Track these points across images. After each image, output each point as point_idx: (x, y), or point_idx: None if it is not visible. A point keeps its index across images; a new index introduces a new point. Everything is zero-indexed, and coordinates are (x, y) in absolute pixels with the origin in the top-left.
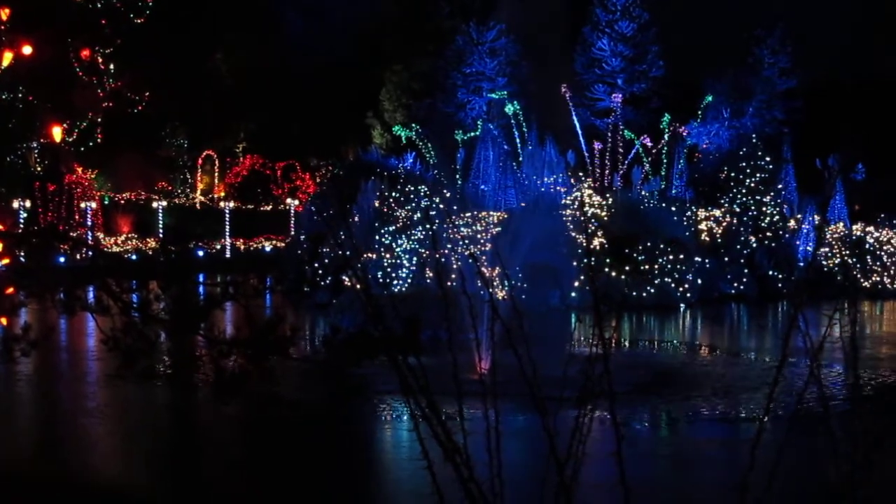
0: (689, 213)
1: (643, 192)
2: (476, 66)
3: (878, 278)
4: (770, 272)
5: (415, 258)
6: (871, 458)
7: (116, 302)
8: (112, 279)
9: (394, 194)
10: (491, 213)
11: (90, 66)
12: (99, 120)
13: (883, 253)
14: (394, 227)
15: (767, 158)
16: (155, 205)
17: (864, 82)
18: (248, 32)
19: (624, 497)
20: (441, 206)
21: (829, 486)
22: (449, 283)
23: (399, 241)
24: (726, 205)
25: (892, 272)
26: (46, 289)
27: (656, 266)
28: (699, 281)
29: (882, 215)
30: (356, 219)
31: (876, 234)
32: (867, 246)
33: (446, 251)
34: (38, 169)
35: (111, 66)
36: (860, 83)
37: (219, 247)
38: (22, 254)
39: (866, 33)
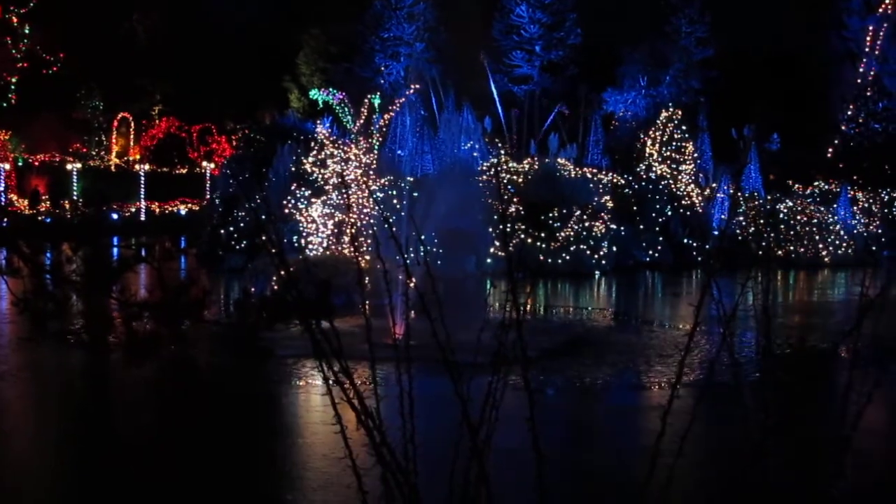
0: (604, 181)
1: (559, 160)
2: (394, 30)
3: (791, 247)
4: (685, 240)
5: (330, 222)
6: (782, 425)
7: (27, 264)
8: (24, 240)
9: (310, 158)
10: (407, 178)
11: (4, 26)
12: (13, 80)
13: (796, 222)
14: (309, 192)
15: (684, 127)
16: (70, 167)
17: (780, 53)
18: None
19: (536, 462)
20: (357, 170)
21: (740, 452)
22: (364, 249)
23: (314, 206)
24: (642, 173)
25: (804, 241)
26: None
27: (571, 233)
28: (614, 248)
29: (796, 185)
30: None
31: (790, 204)
32: (781, 215)
33: (361, 216)
34: None
35: (26, 26)
36: (776, 54)
37: (134, 210)
38: None
39: (783, 4)
